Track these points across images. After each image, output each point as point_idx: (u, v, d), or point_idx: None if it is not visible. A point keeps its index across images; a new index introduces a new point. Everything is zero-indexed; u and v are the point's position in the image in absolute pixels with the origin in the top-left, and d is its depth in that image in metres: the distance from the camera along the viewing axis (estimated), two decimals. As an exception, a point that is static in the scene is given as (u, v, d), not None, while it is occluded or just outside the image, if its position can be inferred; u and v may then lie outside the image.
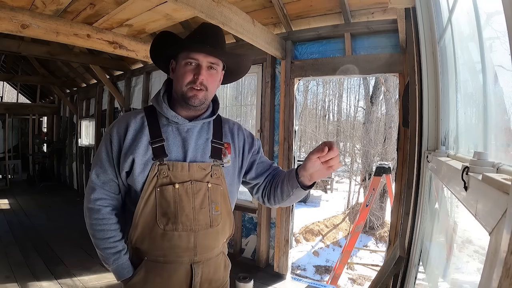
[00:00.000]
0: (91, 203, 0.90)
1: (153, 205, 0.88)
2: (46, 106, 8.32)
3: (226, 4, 1.88)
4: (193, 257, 0.91)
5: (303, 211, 9.79)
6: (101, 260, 0.93)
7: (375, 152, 9.54)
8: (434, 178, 1.42)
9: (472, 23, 0.90)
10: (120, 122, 0.94)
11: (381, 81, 8.62)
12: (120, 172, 0.90)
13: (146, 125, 0.92)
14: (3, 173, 7.24)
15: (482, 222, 0.56)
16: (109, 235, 0.89)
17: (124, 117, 0.95)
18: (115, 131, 0.92)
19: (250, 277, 2.51)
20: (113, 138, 0.91)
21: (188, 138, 0.93)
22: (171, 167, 0.89)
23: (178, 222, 0.88)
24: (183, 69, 0.90)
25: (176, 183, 0.88)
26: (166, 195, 0.88)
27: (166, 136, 0.92)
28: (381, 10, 2.35)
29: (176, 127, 0.94)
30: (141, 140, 0.90)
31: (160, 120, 0.94)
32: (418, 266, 1.55)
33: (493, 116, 0.81)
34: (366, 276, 6.46)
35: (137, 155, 0.88)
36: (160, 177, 0.88)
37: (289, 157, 2.84)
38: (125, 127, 0.91)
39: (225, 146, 0.99)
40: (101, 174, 0.91)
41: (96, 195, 0.90)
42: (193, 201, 0.90)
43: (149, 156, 0.89)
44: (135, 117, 0.94)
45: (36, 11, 2.14)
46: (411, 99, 1.89)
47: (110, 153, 0.91)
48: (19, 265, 2.83)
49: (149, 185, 0.87)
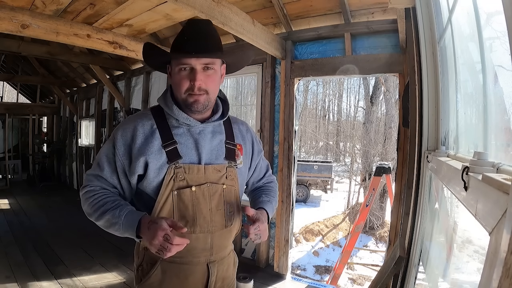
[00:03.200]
0: (82, 191, 0.90)
1: (170, 208, 0.86)
2: (46, 106, 8.32)
3: (226, 4, 1.88)
4: (209, 257, 0.92)
5: (303, 211, 9.80)
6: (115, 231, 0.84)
7: (375, 152, 9.54)
8: (434, 178, 1.42)
9: (472, 23, 0.90)
10: (125, 125, 0.90)
11: (381, 81, 8.62)
12: (130, 176, 0.88)
13: (156, 128, 0.89)
14: (3, 173, 7.24)
15: (482, 222, 0.56)
16: (106, 199, 0.86)
17: (131, 120, 0.91)
18: (120, 135, 0.88)
19: (250, 277, 2.51)
20: (117, 142, 0.88)
21: (201, 140, 0.92)
22: (187, 170, 0.88)
23: (196, 224, 0.88)
24: (178, 76, 0.86)
25: (193, 185, 0.88)
26: (184, 198, 0.87)
27: (178, 138, 0.89)
28: (381, 10, 2.35)
29: (187, 129, 0.91)
30: (152, 144, 0.87)
31: (170, 121, 0.91)
32: (418, 266, 1.55)
33: (493, 116, 0.81)
34: (366, 276, 6.46)
35: (150, 158, 0.85)
36: (176, 180, 0.86)
37: (289, 157, 2.84)
38: (132, 130, 0.88)
39: (237, 147, 0.99)
40: (95, 171, 0.90)
41: (87, 183, 0.91)
42: (210, 203, 0.90)
43: (163, 160, 0.87)
44: (142, 119, 0.90)
45: (36, 11, 2.13)
46: (411, 99, 1.89)
47: (112, 156, 0.88)
48: (19, 265, 2.83)
49: (165, 188, 0.86)
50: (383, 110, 10.24)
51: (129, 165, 0.87)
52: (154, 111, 0.93)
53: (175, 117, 0.90)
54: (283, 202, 2.87)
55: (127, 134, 0.88)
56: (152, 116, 0.91)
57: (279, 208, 2.88)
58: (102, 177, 0.90)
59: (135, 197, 0.94)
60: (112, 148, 0.89)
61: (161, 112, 0.92)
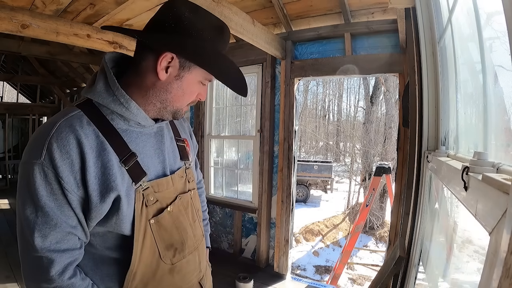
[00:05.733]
0: (55, 281, 0.59)
1: (151, 243, 0.68)
2: (46, 106, 8.32)
3: (226, 4, 1.88)
4: (199, 274, 0.83)
5: (303, 211, 9.80)
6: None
7: (375, 152, 9.55)
8: (434, 178, 1.42)
9: (472, 23, 0.90)
10: (61, 141, 0.57)
11: (381, 81, 8.62)
12: (90, 219, 0.62)
13: (104, 138, 0.62)
14: (3, 173, 7.24)
15: (482, 222, 0.56)
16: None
17: (64, 131, 0.58)
18: (59, 159, 0.56)
19: (250, 277, 2.52)
20: (60, 171, 0.56)
21: (160, 144, 0.74)
22: (156, 188, 0.69)
23: (186, 248, 0.75)
24: (196, 87, 0.70)
25: (167, 205, 0.71)
26: (164, 224, 0.70)
27: (135, 146, 0.67)
28: (381, 10, 2.35)
29: (141, 132, 0.69)
30: (110, 164, 0.61)
31: (116, 123, 0.65)
32: (418, 266, 1.55)
33: (493, 116, 0.81)
34: (366, 276, 6.47)
35: (120, 188, 0.62)
36: (149, 204, 0.67)
37: (289, 157, 2.84)
38: (77, 148, 0.58)
39: (186, 143, 0.85)
40: (50, 233, 0.58)
41: (58, 266, 0.59)
42: (188, 218, 0.78)
43: (127, 183, 0.64)
44: (81, 127, 0.60)
45: (36, 11, 2.13)
46: (411, 99, 1.89)
47: (61, 195, 0.58)
48: (19, 265, 2.79)
49: (140, 221, 0.65)
50: (383, 110, 10.25)
51: (88, 202, 0.60)
52: (87, 111, 0.63)
53: (128, 117, 0.66)
54: (283, 202, 2.87)
55: (69, 154, 0.57)
56: (86, 118, 0.62)
57: (279, 208, 2.89)
58: (63, 239, 0.60)
59: (91, 240, 0.67)
60: (57, 184, 0.57)
61: (95, 110, 0.64)
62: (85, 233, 0.64)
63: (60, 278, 0.59)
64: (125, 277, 0.66)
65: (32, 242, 0.57)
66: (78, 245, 0.63)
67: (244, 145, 3.39)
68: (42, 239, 0.58)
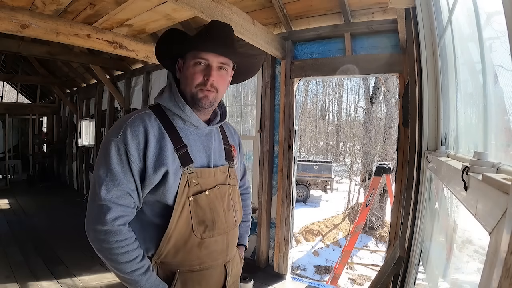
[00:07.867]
0: (107, 224, 0.75)
1: (188, 215, 0.84)
2: (46, 106, 8.32)
3: (226, 4, 1.88)
4: (226, 257, 0.95)
5: (303, 211, 9.80)
6: (128, 285, 0.81)
7: (375, 152, 9.54)
8: (434, 178, 1.42)
9: (472, 23, 0.90)
10: (134, 127, 0.80)
11: (381, 81, 8.62)
12: (144, 186, 0.81)
13: (164, 131, 0.84)
14: (3, 173, 7.24)
15: (482, 222, 0.57)
16: (134, 255, 0.79)
17: (136, 121, 0.81)
18: (129, 138, 0.78)
19: (250, 277, 2.51)
20: (130, 147, 0.78)
21: (208, 143, 0.92)
22: (199, 174, 0.87)
23: (215, 228, 0.89)
24: (192, 70, 0.85)
25: (206, 189, 0.88)
26: (201, 203, 0.86)
27: (187, 141, 0.87)
28: (381, 10, 2.35)
29: (194, 131, 0.90)
30: (166, 148, 0.82)
31: (175, 122, 0.87)
32: (418, 266, 1.55)
33: (493, 116, 0.81)
34: (366, 276, 6.46)
35: (169, 166, 0.81)
36: (191, 185, 0.84)
37: (289, 157, 2.84)
38: (144, 132, 0.80)
39: (232, 148, 1.04)
40: (113, 189, 0.77)
41: (113, 214, 0.76)
42: (222, 204, 0.92)
43: (177, 165, 0.83)
44: (150, 120, 0.83)
45: (36, 11, 2.13)
46: (411, 99, 1.89)
47: (127, 164, 0.78)
48: (19, 265, 2.82)
49: (182, 195, 0.83)
50: (383, 110, 10.24)
51: (145, 172, 0.80)
52: (155, 110, 0.87)
53: (185, 118, 0.87)
54: (283, 202, 2.87)
55: (138, 136, 0.79)
56: (154, 116, 0.85)
57: (279, 208, 2.89)
58: (121, 197, 0.78)
59: (143, 207, 0.86)
60: (125, 155, 0.78)
61: (161, 112, 0.87)
62: (139, 198, 0.82)
63: (112, 223, 0.76)
64: (161, 240, 0.82)
65: (99, 193, 0.76)
66: (132, 205, 0.81)
67: (244, 145, 3.37)
68: (106, 192, 0.77)
